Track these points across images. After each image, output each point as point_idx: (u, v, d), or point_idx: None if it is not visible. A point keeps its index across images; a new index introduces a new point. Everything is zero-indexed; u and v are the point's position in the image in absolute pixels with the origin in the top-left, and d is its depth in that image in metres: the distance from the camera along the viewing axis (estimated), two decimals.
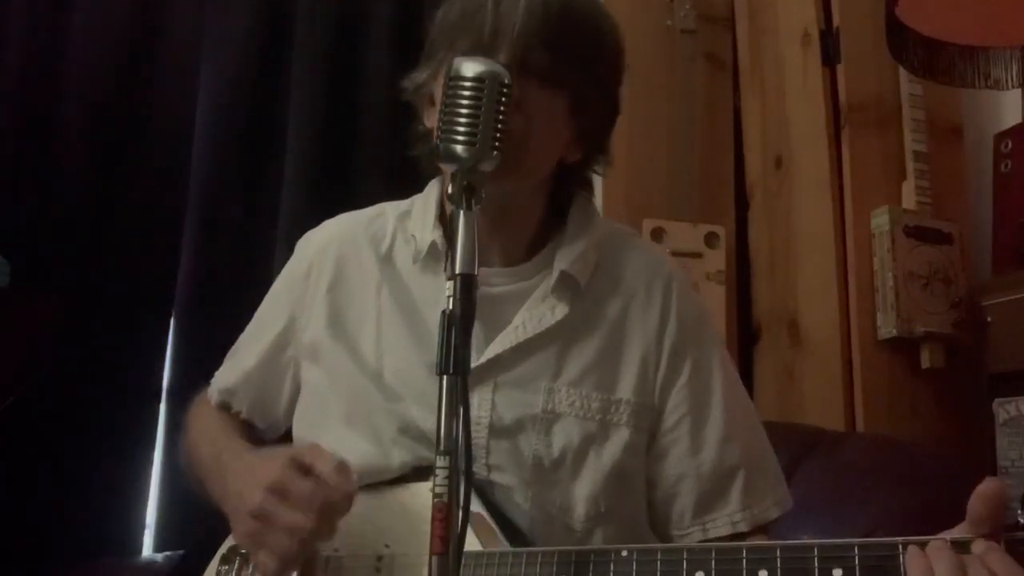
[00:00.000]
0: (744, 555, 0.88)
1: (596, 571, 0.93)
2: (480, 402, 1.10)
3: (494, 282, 1.15)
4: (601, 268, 1.18)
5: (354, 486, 0.98)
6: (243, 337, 1.32)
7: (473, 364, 1.09)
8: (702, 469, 1.13)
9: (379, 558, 1.04)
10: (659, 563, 0.91)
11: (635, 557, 0.92)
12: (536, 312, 1.13)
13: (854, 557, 0.82)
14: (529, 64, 1.05)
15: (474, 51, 1.04)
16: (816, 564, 0.83)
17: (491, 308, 1.12)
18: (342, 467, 0.98)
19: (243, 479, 1.02)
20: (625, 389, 1.13)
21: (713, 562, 0.88)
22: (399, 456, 1.11)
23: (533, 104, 1.05)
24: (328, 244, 1.24)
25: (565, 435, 1.10)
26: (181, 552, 1.89)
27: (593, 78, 1.11)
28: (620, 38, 1.16)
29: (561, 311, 1.13)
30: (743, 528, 1.12)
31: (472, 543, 0.97)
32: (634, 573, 0.91)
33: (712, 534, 1.12)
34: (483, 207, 1.12)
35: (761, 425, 1.21)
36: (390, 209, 1.26)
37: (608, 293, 1.17)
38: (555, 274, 1.14)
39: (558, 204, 1.21)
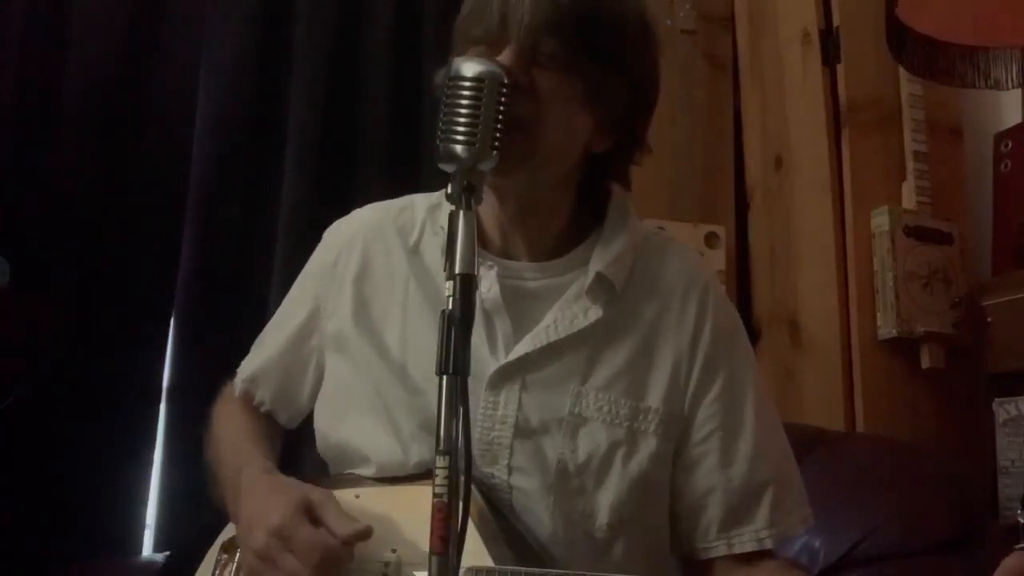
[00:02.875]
0: None
1: None
2: (507, 401, 1.09)
3: (524, 276, 1.14)
4: (637, 272, 1.16)
5: (358, 535, 0.99)
6: (269, 326, 1.31)
7: (502, 361, 1.10)
8: (732, 483, 1.11)
9: (386, 564, 1.04)
10: None
11: None
12: (568, 312, 1.11)
13: None
14: (539, 51, 1.04)
15: (486, 39, 1.05)
16: None
17: (521, 303, 1.12)
18: (350, 519, 0.99)
19: (255, 512, 1.03)
20: (655, 397, 1.11)
21: None
22: (417, 453, 1.10)
23: (544, 91, 1.04)
24: (356, 234, 1.24)
25: (591, 440, 1.08)
26: (176, 551, 1.90)
27: (611, 64, 1.08)
28: (648, 23, 1.14)
29: (595, 314, 1.11)
30: (768, 545, 1.11)
31: (478, 550, 0.97)
32: None
33: (737, 549, 1.10)
34: (504, 199, 1.12)
35: (787, 441, 1.19)
36: (420, 201, 1.25)
37: (643, 298, 1.15)
38: (590, 275, 1.12)
39: (591, 200, 1.18)
